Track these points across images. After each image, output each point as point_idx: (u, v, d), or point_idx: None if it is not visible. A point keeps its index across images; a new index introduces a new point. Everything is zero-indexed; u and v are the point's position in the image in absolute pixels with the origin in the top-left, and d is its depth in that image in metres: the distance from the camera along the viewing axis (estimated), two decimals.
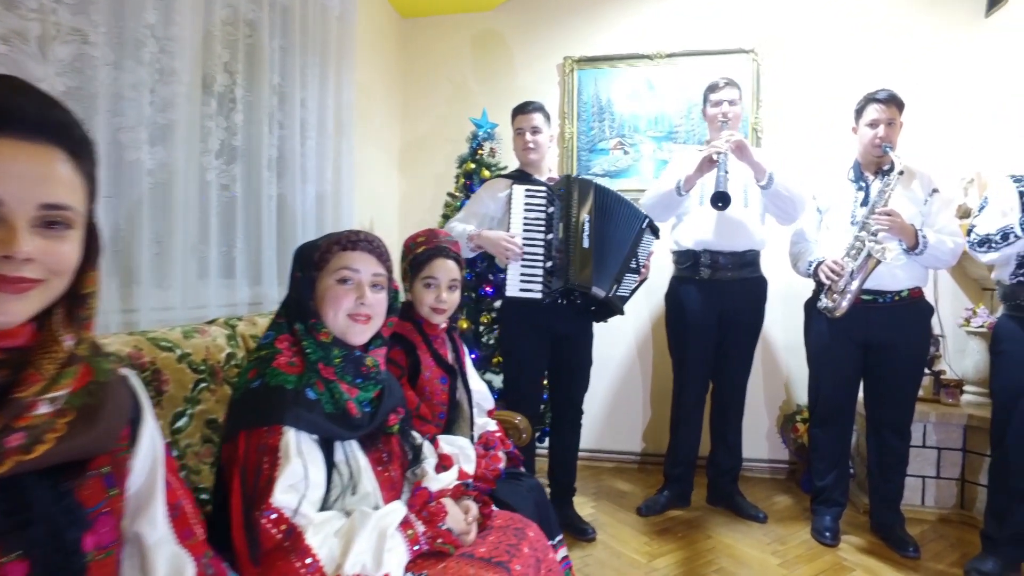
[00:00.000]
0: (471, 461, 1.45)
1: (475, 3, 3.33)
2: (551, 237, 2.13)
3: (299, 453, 0.99)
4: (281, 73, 2.13)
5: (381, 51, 3.20)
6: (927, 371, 2.62)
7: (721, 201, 2.10)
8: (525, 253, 2.11)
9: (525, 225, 2.13)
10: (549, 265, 2.11)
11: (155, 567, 0.71)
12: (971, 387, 2.72)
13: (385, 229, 3.19)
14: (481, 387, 1.74)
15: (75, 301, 0.65)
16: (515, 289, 2.11)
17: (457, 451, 1.44)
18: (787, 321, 2.98)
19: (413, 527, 1.05)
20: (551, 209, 2.14)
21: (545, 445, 2.56)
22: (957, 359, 2.85)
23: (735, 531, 2.42)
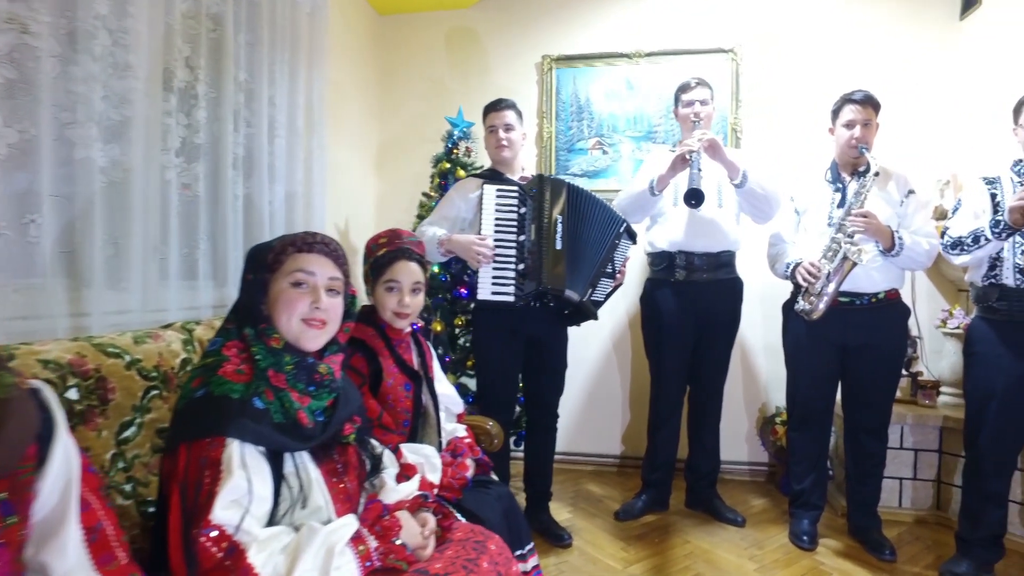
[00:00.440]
0: (436, 470, 1.40)
1: (453, 0, 3.28)
2: (523, 238, 2.08)
3: (243, 466, 0.94)
4: (248, 69, 2.06)
5: (356, 48, 3.14)
6: (904, 372, 2.62)
7: (695, 198, 2.06)
8: (497, 255, 2.06)
9: (496, 226, 2.08)
10: (521, 267, 2.07)
11: None
12: (947, 388, 2.73)
13: (361, 230, 3.13)
14: (449, 391, 1.69)
15: None
16: (487, 292, 2.06)
17: (422, 460, 1.39)
18: (766, 323, 2.97)
19: (365, 542, 0.99)
20: (523, 209, 2.09)
21: (521, 449, 2.52)
22: (934, 360, 2.85)
23: (712, 536, 2.40)
